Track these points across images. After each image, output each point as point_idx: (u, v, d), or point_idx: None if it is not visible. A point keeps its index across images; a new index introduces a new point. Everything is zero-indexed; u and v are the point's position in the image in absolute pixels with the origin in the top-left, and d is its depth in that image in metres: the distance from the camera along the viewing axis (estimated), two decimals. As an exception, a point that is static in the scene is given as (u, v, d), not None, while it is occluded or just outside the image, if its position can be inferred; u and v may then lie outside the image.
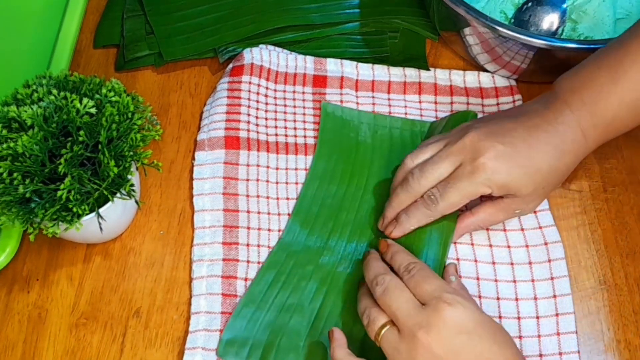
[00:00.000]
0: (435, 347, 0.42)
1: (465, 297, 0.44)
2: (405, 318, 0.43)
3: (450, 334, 0.42)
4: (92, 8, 0.69)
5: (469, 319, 0.42)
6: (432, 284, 0.44)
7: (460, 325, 0.42)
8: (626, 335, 0.51)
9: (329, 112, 0.61)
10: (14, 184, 0.44)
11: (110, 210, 0.48)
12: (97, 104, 0.48)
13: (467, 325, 0.42)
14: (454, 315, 0.42)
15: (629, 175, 0.58)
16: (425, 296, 0.44)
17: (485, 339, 0.42)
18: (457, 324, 0.42)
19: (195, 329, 0.50)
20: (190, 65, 0.65)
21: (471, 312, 0.43)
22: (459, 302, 0.43)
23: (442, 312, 0.42)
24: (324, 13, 0.67)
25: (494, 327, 0.43)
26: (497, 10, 0.66)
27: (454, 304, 0.43)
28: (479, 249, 0.54)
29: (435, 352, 0.42)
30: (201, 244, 0.54)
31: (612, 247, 0.55)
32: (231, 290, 0.52)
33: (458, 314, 0.42)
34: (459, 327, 0.42)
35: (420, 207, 0.50)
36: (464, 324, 0.42)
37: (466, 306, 0.43)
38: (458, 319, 0.42)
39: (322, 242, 0.54)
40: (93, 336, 0.51)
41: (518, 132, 0.49)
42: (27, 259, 0.54)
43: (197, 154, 0.58)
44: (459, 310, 0.42)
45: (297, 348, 0.49)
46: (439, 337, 0.42)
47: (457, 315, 0.42)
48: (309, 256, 0.54)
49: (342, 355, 0.45)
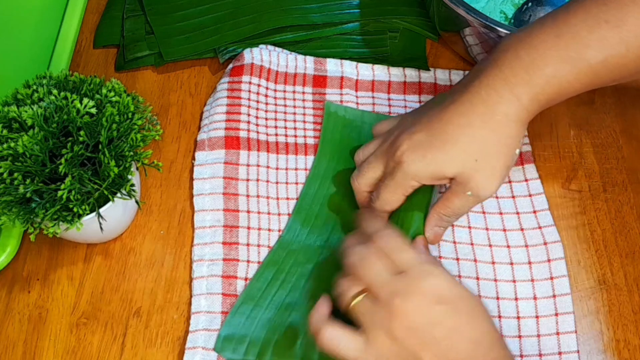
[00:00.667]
0: (412, 315, 0.40)
1: (442, 268, 0.43)
2: (381, 285, 0.42)
3: (428, 303, 0.41)
4: (92, 8, 0.69)
5: (448, 291, 0.41)
6: (408, 254, 0.43)
7: (438, 296, 0.41)
8: (625, 335, 0.51)
9: (332, 112, 0.61)
10: (14, 184, 0.44)
11: (111, 210, 0.48)
12: (98, 104, 0.48)
13: (446, 296, 0.41)
14: (433, 285, 0.41)
15: (629, 175, 0.59)
16: (402, 264, 0.42)
17: (463, 312, 0.41)
18: (436, 294, 0.41)
19: (195, 328, 0.50)
20: (190, 65, 0.65)
21: (450, 284, 0.42)
22: (437, 272, 0.42)
23: (422, 281, 0.41)
24: (324, 13, 0.67)
25: (472, 301, 0.42)
26: (497, 10, 0.66)
27: (432, 273, 0.42)
28: (478, 249, 0.54)
29: (412, 320, 0.40)
30: (201, 244, 0.54)
31: (611, 247, 0.55)
32: (231, 290, 0.52)
33: (437, 284, 0.41)
34: (437, 297, 0.41)
35: (367, 210, 0.51)
36: (443, 295, 0.41)
37: (445, 277, 0.42)
38: (437, 289, 0.41)
39: (322, 241, 0.55)
40: (93, 336, 0.51)
41: (435, 114, 0.46)
42: (28, 258, 0.54)
43: (197, 154, 0.58)
44: (438, 281, 0.41)
45: (294, 346, 0.49)
46: (417, 306, 0.40)
47: (436, 285, 0.41)
48: (309, 255, 0.54)
49: (318, 318, 0.44)
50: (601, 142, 0.60)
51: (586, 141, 0.60)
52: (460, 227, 0.55)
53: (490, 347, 0.41)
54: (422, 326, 0.40)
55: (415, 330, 0.40)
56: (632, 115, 0.62)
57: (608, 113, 0.62)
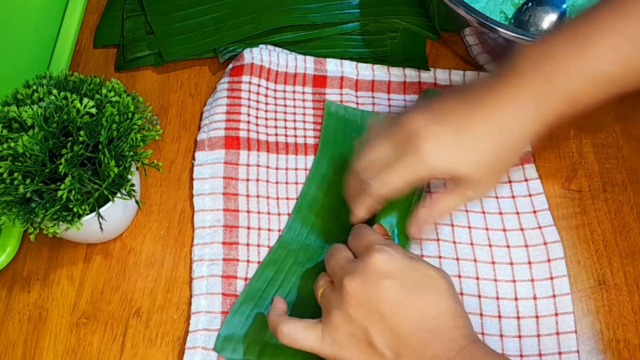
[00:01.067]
0: (359, 292, 0.42)
1: (395, 247, 0.44)
2: (338, 271, 0.44)
3: (373, 278, 0.42)
4: (92, 8, 0.69)
5: (394, 265, 0.42)
6: (366, 240, 0.45)
7: (383, 270, 0.42)
8: (625, 334, 0.51)
9: (332, 112, 0.61)
10: (14, 184, 0.44)
11: (111, 210, 0.48)
12: (98, 104, 0.48)
13: (391, 270, 0.42)
14: (379, 260, 0.42)
15: (629, 175, 0.59)
16: (359, 250, 0.45)
17: (407, 285, 0.42)
18: (381, 269, 0.42)
19: (195, 328, 0.50)
20: (190, 65, 0.65)
21: (397, 258, 0.43)
22: (386, 250, 0.43)
23: (369, 259, 0.43)
24: (324, 13, 0.67)
25: (420, 275, 0.43)
26: (497, 10, 0.66)
27: (380, 251, 0.43)
28: (478, 249, 0.54)
29: (359, 297, 0.42)
30: (201, 244, 0.54)
31: (611, 247, 0.55)
32: (231, 290, 0.52)
33: (382, 260, 0.42)
34: (382, 271, 0.42)
35: (362, 193, 0.48)
36: (387, 269, 0.42)
37: (392, 253, 0.43)
38: (381, 264, 0.42)
39: (321, 241, 0.55)
40: (93, 336, 0.51)
41: (460, 111, 0.46)
42: (28, 258, 0.54)
43: (197, 154, 0.58)
44: (383, 257, 0.42)
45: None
46: (363, 282, 0.42)
47: (381, 260, 0.42)
48: (309, 255, 0.54)
49: (274, 316, 0.46)
50: (601, 142, 0.60)
51: (586, 141, 0.60)
52: (460, 227, 0.55)
53: (439, 320, 0.42)
54: (368, 302, 0.42)
55: (363, 307, 0.42)
56: (632, 115, 0.62)
57: (608, 113, 0.62)
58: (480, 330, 0.51)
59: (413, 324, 0.41)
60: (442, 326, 0.42)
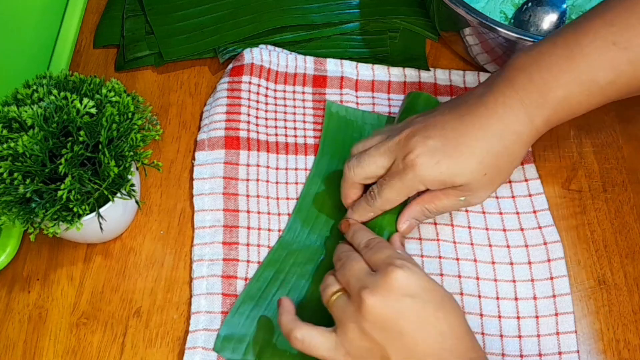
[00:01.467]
0: (379, 308, 0.42)
1: (413, 264, 0.44)
2: (355, 282, 0.44)
3: (394, 295, 0.42)
4: (92, 8, 0.69)
5: (415, 283, 0.42)
6: (385, 253, 0.45)
7: (405, 288, 0.42)
8: (625, 335, 0.51)
9: (333, 112, 0.61)
10: (14, 184, 0.44)
11: (111, 210, 0.48)
12: (97, 104, 0.48)
13: (412, 288, 0.42)
14: (400, 277, 0.42)
15: (629, 175, 0.59)
16: (377, 263, 0.44)
17: (429, 304, 0.42)
18: (402, 287, 0.42)
19: (195, 328, 0.50)
20: (190, 65, 0.65)
21: (418, 277, 0.43)
22: (407, 267, 0.43)
23: (389, 275, 0.42)
24: (324, 13, 0.67)
25: (440, 295, 0.43)
26: (497, 10, 0.66)
27: (402, 268, 0.43)
28: (478, 249, 0.54)
29: (379, 312, 0.42)
30: (201, 244, 0.54)
31: (611, 247, 0.55)
32: (231, 290, 0.52)
33: (404, 277, 0.42)
34: (404, 289, 0.42)
35: (361, 203, 0.51)
36: (409, 287, 0.42)
37: (414, 271, 0.43)
38: (404, 282, 0.42)
39: (322, 241, 0.55)
40: (93, 336, 0.51)
41: (450, 123, 0.47)
42: (28, 258, 0.54)
43: (197, 154, 0.58)
44: (405, 274, 0.42)
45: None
46: (384, 298, 0.42)
47: (403, 278, 0.42)
48: (309, 255, 0.54)
49: (287, 320, 0.45)
50: (601, 142, 0.60)
51: (586, 141, 0.60)
52: (460, 227, 0.55)
53: (459, 341, 0.42)
54: (388, 319, 0.42)
55: (382, 323, 0.42)
56: (632, 115, 0.62)
57: (608, 113, 0.62)
58: (480, 331, 0.51)
59: (435, 343, 0.41)
60: (461, 347, 0.42)
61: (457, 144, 0.46)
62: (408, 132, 0.48)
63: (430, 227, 0.55)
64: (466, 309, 0.51)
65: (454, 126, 0.47)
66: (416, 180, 0.47)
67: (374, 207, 0.50)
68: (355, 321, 0.42)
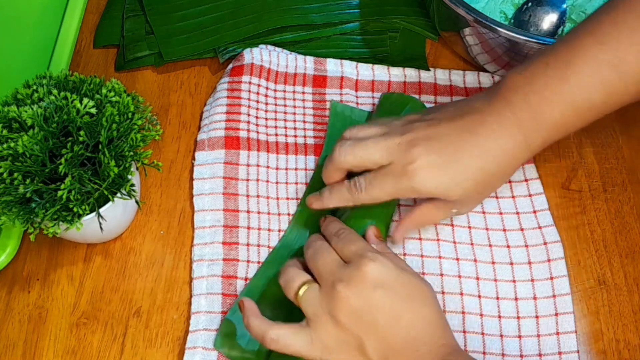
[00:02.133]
0: (353, 300, 0.42)
1: (387, 257, 0.45)
2: (327, 274, 0.44)
3: (367, 287, 0.43)
4: (92, 8, 0.69)
5: (387, 275, 0.43)
6: (357, 245, 0.46)
7: (377, 280, 0.43)
8: (625, 335, 0.51)
9: (338, 112, 0.61)
10: (14, 184, 0.44)
11: (111, 210, 0.48)
12: (97, 104, 0.48)
13: (384, 280, 0.43)
14: (373, 270, 0.43)
15: (629, 175, 0.59)
16: (349, 255, 0.45)
17: (402, 297, 0.43)
18: (375, 279, 0.43)
19: (195, 328, 0.50)
20: (190, 65, 0.65)
21: (389, 269, 0.44)
22: (379, 259, 0.44)
23: (363, 267, 0.43)
24: (324, 13, 0.67)
25: (412, 286, 0.44)
26: (497, 10, 0.66)
27: (374, 260, 0.44)
28: (478, 249, 0.54)
29: (353, 305, 0.42)
30: (201, 244, 0.54)
31: (611, 247, 0.55)
32: (231, 290, 0.52)
33: (377, 269, 0.43)
34: (376, 281, 0.43)
35: (342, 189, 0.50)
36: (381, 279, 0.43)
37: (385, 263, 0.44)
38: (376, 273, 0.43)
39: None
40: (93, 336, 0.51)
41: (450, 137, 0.48)
42: (28, 258, 0.54)
43: (197, 154, 0.58)
44: (377, 266, 0.43)
45: None
46: (357, 290, 0.42)
47: (375, 270, 0.43)
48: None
49: (257, 323, 0.45)
50: (601, 142, 0.60)
51: (586, 141, 0.60)
52: (460, 227, 0.55)
53: (432, 329, 0.43)
54: (363, 311, 0.42)
55: (357, 315, 0.42)
56: (632, 115, 0.62)
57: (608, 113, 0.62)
58: (481, 330, 0.51)
59: (407, 334, 0.42)
60: (433, 336, 0.43)
61: (455, 160, 0.47)
62: (410, 138, 0.48)
63: (430, 227, 0.55)
64: (466, 309, 0.51)
65: (453, 141, 0.48)
66: (410, 188, 0.48)
67: (356, 199, 0.50)
68: (330, 313, 0.43)
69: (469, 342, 0.50)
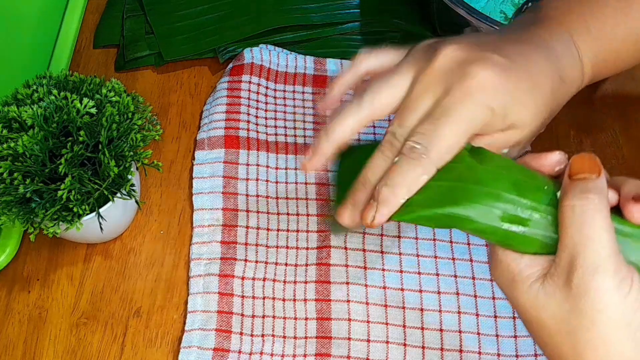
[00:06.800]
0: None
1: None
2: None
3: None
4: (92, 8, 0.69)
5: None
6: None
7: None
8: (625, 335, 0.51)
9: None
10: (14, 184, 0.44)
11: (111, 210, 0.48)
12: (97, 104, 0.48)
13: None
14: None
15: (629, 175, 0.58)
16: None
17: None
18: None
19: (191, 327, 0.50)
20: (190, 65, 0.65)
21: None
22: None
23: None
24: (324, 13, 0.67)
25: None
26: (497, 10, 0.66)
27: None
28: (475, 249, 0.54)
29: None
30: (200, 242, 0.54)
31: (611, 247, 0.55)
32: (227, 289, 0.52)
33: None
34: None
35: (403, 166, 0.35)
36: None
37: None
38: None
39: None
40: (93, 336, 0.51)
41: (511, 44, 0.38)
42: (28, 259, 0.54)
43: (197, 153, 0.58)
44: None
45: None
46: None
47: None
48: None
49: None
50: (601, 142, 0.60)
51: (586, 141, 0.60)
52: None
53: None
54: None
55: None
56: (632, 115, 0.62)
57: (608, 113, 0.62)
58: (476, 330, 0.51)
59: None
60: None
61: (527, 70, 0.37)
62: (453, 50, 0.37)
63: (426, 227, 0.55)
64: (462, 309, 0.51)
65: (518, 49, 0.38)
66: (485, 103, 0.35)
67: (428, 165, 0.35)
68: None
69: (464, 342, 0.50)
